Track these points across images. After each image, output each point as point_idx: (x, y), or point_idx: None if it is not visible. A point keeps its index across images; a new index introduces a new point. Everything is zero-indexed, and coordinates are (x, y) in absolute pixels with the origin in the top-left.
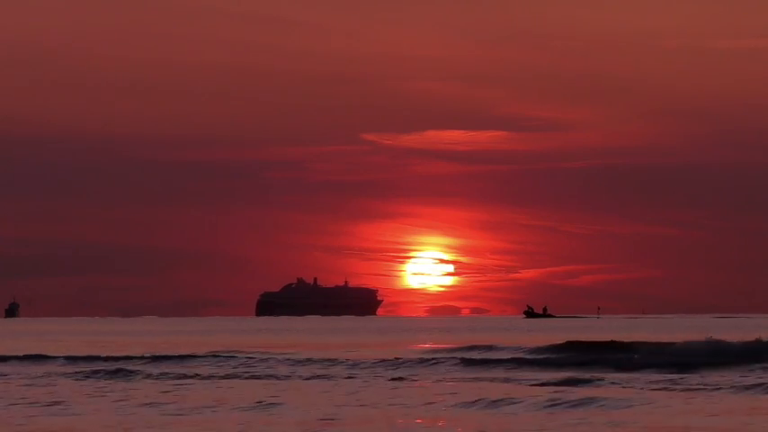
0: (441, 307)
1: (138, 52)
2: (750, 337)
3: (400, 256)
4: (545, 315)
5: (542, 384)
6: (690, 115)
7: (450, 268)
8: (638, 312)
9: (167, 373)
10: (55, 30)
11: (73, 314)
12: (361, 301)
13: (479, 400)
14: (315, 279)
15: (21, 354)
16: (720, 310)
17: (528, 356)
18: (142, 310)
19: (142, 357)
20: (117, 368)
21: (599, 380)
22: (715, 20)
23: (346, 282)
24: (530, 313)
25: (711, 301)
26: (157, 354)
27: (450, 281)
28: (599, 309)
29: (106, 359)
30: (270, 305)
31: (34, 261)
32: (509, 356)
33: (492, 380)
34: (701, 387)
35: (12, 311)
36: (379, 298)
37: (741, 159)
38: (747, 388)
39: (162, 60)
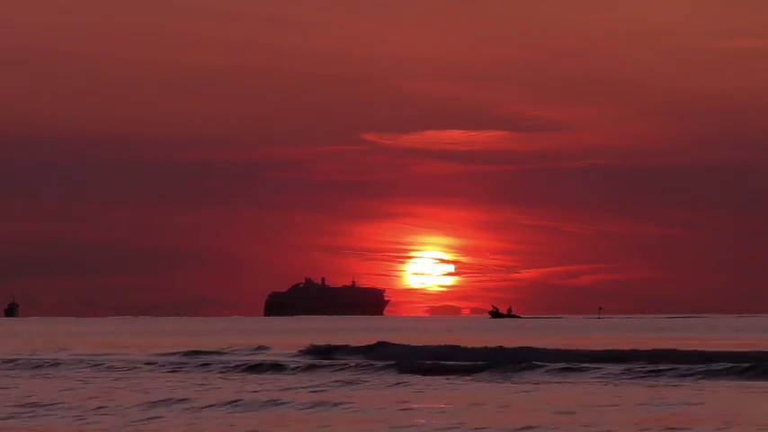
0: (441, 307)
1: (140, 53)
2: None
3: (400, 256)
4: (510, 315)
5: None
6: (690, 115)
7: (451, 268)
8: (638, 313)
9: None
10: (52, 31)
11: (73, 314)
12: (369, 301)
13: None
14: (323, 279)
15: None
16: (722, 311)
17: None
18: (142, 310)
19: None
20: None
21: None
22: (715, 20)
23: (354, 282)
24: (495, 314)
25: (713, 301)
26: None
27: (451, 281)
28: (600, 309)
29: None
30: (278, 305)
31: (34, 261)
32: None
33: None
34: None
35: (11, 311)
36: (386, 298)
37: (742, 160)
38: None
39: (163, 61)
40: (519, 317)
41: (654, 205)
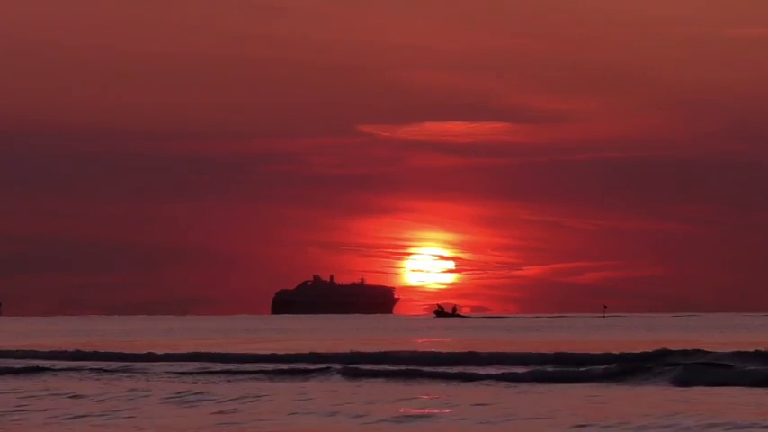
0: (440, 305)
1: (129, 42)
2: None
3: (399, 252)
4: (454, 315)
5: None
6: (700, 107)
7: (451, 265)
8: (645, 311)
9: None
10: (39, 21)
11: (60, 313)
12: (378, 300)
13: None
14: (331, 276)
15: None
16: (731, 309)
17: None
18: (133, 308)
19: None
20: None
21: None
22: (728, 6)
23: (362, 279)
24: (440, 313)
25: (722, 299)
26: None
27: (451, 278)
28: (605, 307)
29: None
30: (285, 303)
31: (18, 258)
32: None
33: None
34: None
35: None
36: (395, 296)
37: (753, 153)
38: None
39: (152, 50)
40: (463, 316)
41: (662, 200)
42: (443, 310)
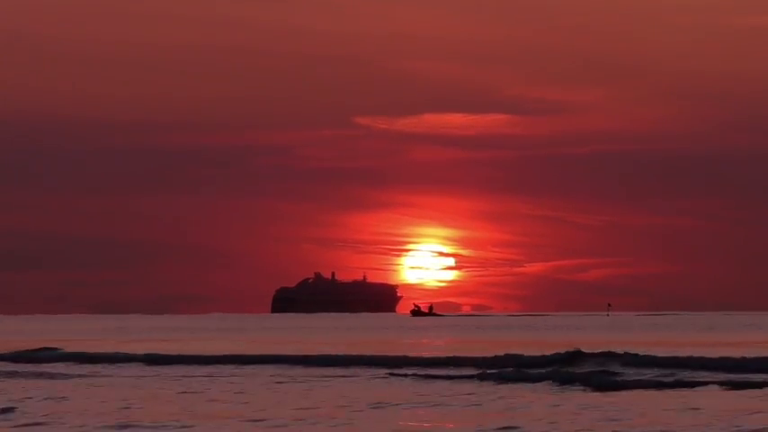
0: (440, 303)
1: (117, 31)
2: None
3: (396, 248)
4: (431, 314)
5: None
6: (707, 98)
7: (451, 262)
8: (651, 309)
9: None
10: (19, 8)
11: (44, 312)
12: (380, 298)
13: None
14: (333, 273)
15: None
16: (738, 308)
17: None
18: (124, 307)
19: None
20: None
21: None
22: None
23: (365, 277)
24: (416, 312)
25: (730, 298)
26: None
27: (451, 275)
28: (609, 305)
29: None
30: (286, 301)
31: (5, 255)
32: None
33: None
34: None
35: None
36: (398, 294)
37: (762, 146)
38: None
39: (142, 40)
40: (440, 315)
41: (668, 194)
42: (420, 309)
